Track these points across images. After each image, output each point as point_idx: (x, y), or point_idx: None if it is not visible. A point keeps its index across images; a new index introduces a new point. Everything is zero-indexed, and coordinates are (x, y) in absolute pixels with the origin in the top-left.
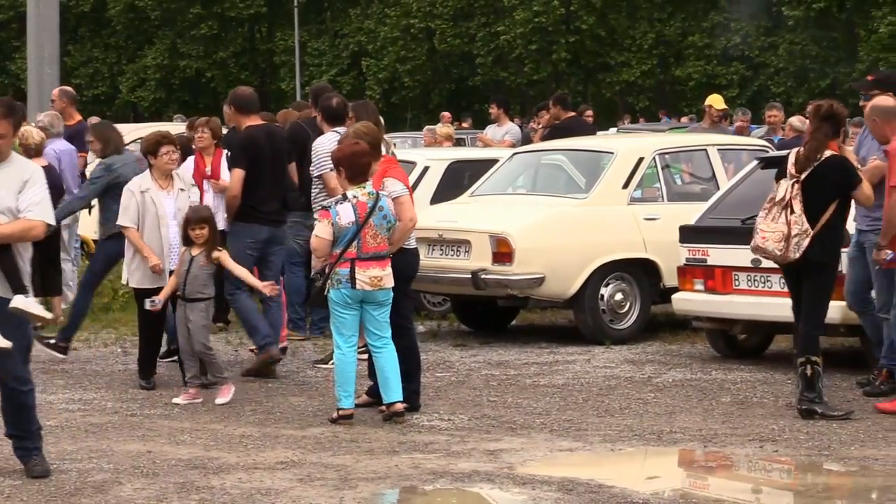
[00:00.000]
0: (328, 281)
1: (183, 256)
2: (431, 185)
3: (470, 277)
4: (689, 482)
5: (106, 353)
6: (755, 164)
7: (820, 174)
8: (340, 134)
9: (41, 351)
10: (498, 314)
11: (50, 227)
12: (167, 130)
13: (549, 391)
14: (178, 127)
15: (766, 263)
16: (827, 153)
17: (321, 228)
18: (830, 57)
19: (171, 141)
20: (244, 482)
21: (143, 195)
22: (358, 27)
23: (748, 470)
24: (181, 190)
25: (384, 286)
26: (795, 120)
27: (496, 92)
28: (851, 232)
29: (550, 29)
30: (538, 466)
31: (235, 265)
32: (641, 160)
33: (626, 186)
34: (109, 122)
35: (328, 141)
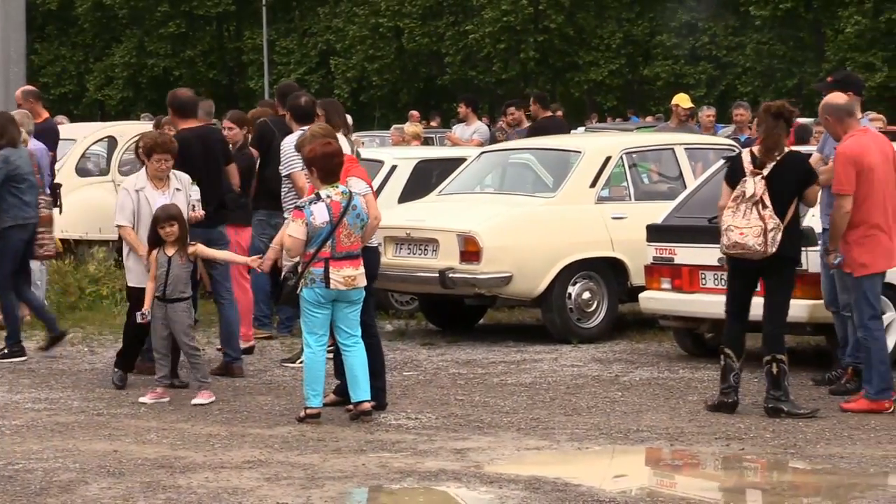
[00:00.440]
0: (301, 280)
1: (157, 258)
2: (399, 184)
3: (437, 276)
4: (655, 480)
5: (73, 352)
6: (722, 163)
7: (782, 170)
8: None
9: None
10: (466, 313)
11: None
12: (168, 136)
13: (516, 390)
14: (145, 125)
15: None
16: (786, 150)
17: (295, 228)
18: (797, 57)
19: (166, 150)
20: (211, 481)
21: (137, 194)
22: (326, 26)
23: (715, 468)
24: (177, 189)
25: (358, 285)
26: None
27: (465, 91)
28: (818, 231)
29: (519, 28)
30: (505, 465)
31: (215, 251)
32: (609, 159)
33: (593, 185)
34: (10, 114)
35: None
